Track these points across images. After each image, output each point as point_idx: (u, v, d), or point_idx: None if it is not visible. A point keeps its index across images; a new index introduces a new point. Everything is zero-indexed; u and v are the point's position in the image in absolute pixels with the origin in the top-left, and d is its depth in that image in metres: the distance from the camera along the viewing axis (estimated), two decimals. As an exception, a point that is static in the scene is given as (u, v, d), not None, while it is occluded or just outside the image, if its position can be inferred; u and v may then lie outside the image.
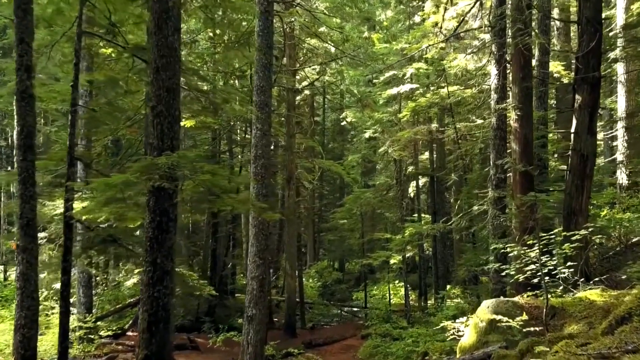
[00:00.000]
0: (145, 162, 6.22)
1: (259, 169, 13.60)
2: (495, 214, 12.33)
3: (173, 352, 10.85)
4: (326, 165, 23.39)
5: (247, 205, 6.67)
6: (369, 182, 33.04)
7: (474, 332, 8.23)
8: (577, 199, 11.65)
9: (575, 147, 12.10)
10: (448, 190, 26.39)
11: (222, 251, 26.08)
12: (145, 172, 6.13)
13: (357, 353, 17.82)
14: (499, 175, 12.78)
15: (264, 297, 13.63)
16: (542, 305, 7.99)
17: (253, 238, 13.59)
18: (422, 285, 25.57)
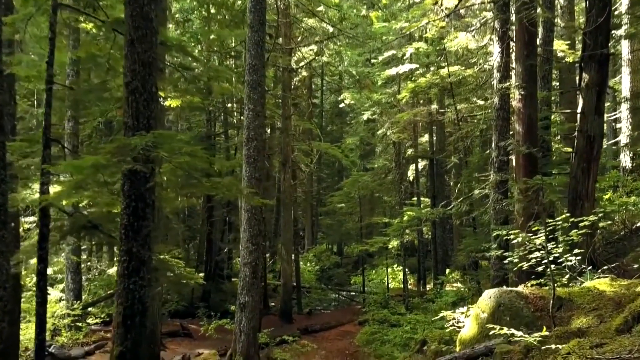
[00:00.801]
0: (116, 143, 5.69)
1: (252, 151, 13.06)
2: (497, 199, 11.82)
3: (159, 345, 10.44)
4: (323, 148, 22.86)
5: (233, 190, 6.17)
6: (368, 166, 32.53)
7: (475, 324, 7.76)
8: (583, 182, 11.13)
9: (581, 128, 11.55)
10: (448, 173, 25.90)
11: (218, 235, 25.63)
12: (116, 153, 5.61)
13: (354, 339, 17.43)
14: (501, 158, 12.24)
15: (257, 283, 13.17)
16: (548, 295, 7.51)
17: (246, 223, 13.09)
18: (421, 270, 25.18)
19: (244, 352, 12.85)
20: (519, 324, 7.25)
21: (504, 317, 7.40)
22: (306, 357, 14.88)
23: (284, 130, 20.40)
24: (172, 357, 13.54)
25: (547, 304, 7.35)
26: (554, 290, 6.96)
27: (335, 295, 27.99)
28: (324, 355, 15.40)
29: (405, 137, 24.80)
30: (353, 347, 16.75)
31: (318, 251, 34.04)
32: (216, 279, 24.89)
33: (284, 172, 20.39)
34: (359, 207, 26.35)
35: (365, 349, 16.17)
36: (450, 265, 26.17)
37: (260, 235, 13.29)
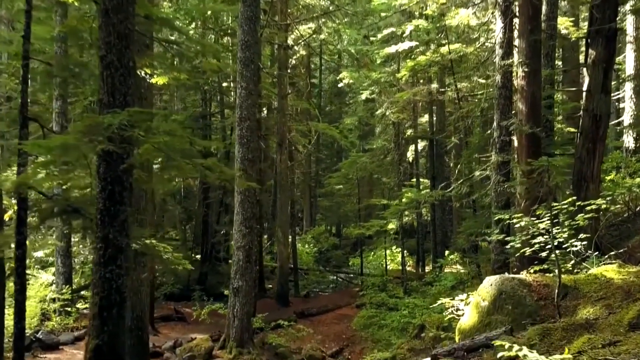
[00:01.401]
0: (88, 121, 5.25)
1: (244, 131, 12.62)
2: (499, 180, 11.39)
3: (147, 331, 10.09)
4: (321, 129, 22.38)
5: (217, 171, 5.74)
6: (366, 147, 32.04)
7: (475, 313, 7.38)
8: (589, 164, 10.71)
9: (587, 107, 11.09)
10: (448, 154, 25.46)
11: (214, 217, 25.27)
12: (87, 133, 5.18)
13: (351, 323, 17.14)
14: (503, 138, 11.79)
15: (251, 268, 12.82)
16: (552, 283, 7.12)
17: (239, 206, 12.70)
18: (419, 252, 24.85)
19: (237, 338, 12.55)
20: (521, 313, 6.88)
21: (505, 305, 7.02)
22: (302, 342, 14.57)
23: (280, 110, 19.91)
24: (164, 342, 13.23)
25: (552, 292, 6.96)
26: (560, 278, 6.57)
27: (333, 277, 27.72)
28: (320, 340, 15.10)
29: (405, 117, 24.29)
30: (350, 331, 16.46)
31: (316, 233, 33.69)
32: (212, 261, 24.61)
33: (280, 153, 19.94)
34: (357, 189, 25.93)
35: (362, 333, 15.89)
36: (449, 247, 25.84)
37: (253, 218, 12.90)
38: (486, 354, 6.23)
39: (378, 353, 11.89)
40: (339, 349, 14.35)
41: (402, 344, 13.24)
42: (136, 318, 9.70)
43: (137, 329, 9.70)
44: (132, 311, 9.71)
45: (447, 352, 6.58)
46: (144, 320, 9.83)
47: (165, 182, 8.12)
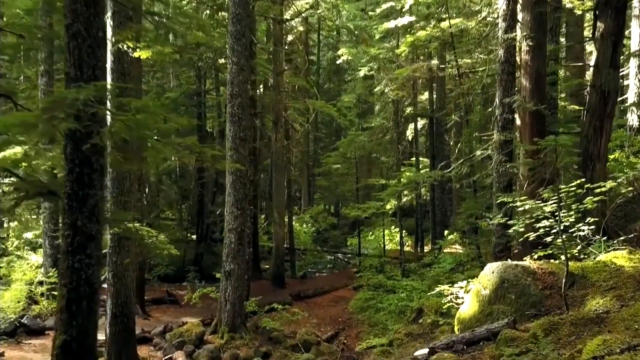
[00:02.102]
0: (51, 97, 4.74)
1: (236, 108, 12.08)
2: (501, 160, 10.89)
3: (134, 318, 9.69)
4: (318, 106, 21.77)
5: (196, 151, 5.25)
6: (365, 125, 31.45)
7: (476, 301, 6.96)
8: (596, 142, 10.23)
9: (594, 82, 10.58)
10: (448, 132, 24.94)
11: (210, 197, 24.83)
12: (49, 109, 4.68)
13: (347, 306, 16.78)
14: (506, 116, 11.24)
15: (243, 250, 12.39)
16: (558, 271, 6.69)
17: (230, 187, 12.22)
18: (418, 232, 24.46)
19: (229, 322, 12.18)
20: (525, 303, 6.46)
21: (508, 295, 6.60)
22: (297, 326, 14.21)
23: (275, 87, 19.32)
24: (155, 327, 12.84)
25: (557, 281, 6.53)
26: (567, 266, 6.13)
27: (331, 257, 27.37)
28: (315, 324, 14.74)
29: (404, 95, 23.70)
30: (346, 314, 16.10)
31: (315, 212, 33.25)
32: (208, 242, 24.22)
33: (275, 131, 19.40)
34: (355, 168, 25.43)
35: (358, 316, 15.52)
36: (449, 226, 25.45)
37: (246, 199, 12.44)
38: (487, 348, 5.81)
39: (374, 339, 11.53)
40: (334, 332, 13.99)
41: (400, 329, 12.90)
42: (121, 304, 9.28)
43: (122, 315, 9.29)
44: (117, 297, 9.31)
45: (445, 345, 6.16)
46: (130, 306, 9.41)
47: (139, 163, 7.61)
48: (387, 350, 11.37)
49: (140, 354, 10.76)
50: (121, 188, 9.28)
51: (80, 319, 5.11)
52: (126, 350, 9.36)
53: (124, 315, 9.34)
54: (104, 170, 5.32)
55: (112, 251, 9.34)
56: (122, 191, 9.27)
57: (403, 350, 11.41)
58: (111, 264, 9.34)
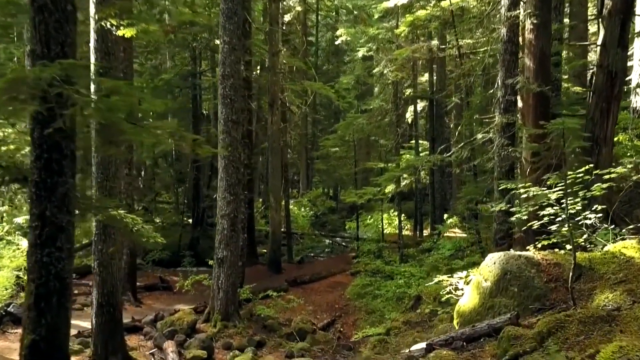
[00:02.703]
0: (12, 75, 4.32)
1: (228, 90, 11.64)
2: (503, 144, 10.47)
3: (121, 309, 9.33)
4: (315, 88, 21.30)
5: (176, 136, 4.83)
6: (364, 107, 30.95)
7: (476, 294, 6.59)
8: (602, 125, 9.82)
9: (601, 62, 10.13)
10: (448, 114, 24.49)
11: (205, 181, 24.45)
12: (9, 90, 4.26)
13: (344, 292, 16.47)
14: (508, 98, 10.80)
15: (236, 237, 12.02)
16: (564, 262, 6.31)
17: (222, 171, 11.82)
18: (417, 215, 24.09)
19: (222, 311, 11.85)
20: (528, 296, 6.09)
21: (510, 287, 6.23)
22: (292, 313, 13.89)
23: (271, 68, 18.81)
24: (146, 314, 12.49)
25: (563, 273, 6.16)
26: (575, 257, 5.74)
27: (329, 241, 27.06)
28: (311, 311, 14.44)
29: (404, 76, 23.18)
30: (343, 300, 15.80)
31: (313, 196, 32.90)
32: (204, 226, 23.89)
33: (271, 113, 18.93)
34: (353, 152, 25.00)
35: (356, 302, 15.22)
36: (448, 209, 25.09)
37: (239, 184, 12.04)
38: (488, 345, 5.46)
39: (371, 329, 11.21)
40: (330, 320, 13.69)
41: (397, 317, 12.59)
42: (107, 294, 8.92)
43: (108, 305, 8.93)
44: (103, 286, 8.94)
45: (443, 342, 5.80)
46: (116, 295, 9.05)
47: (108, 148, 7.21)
48: (384, 340, 11.07)
49: (129, 344, 10.44)
50: (106, 173, 8.87)
51: (49, 317, 4.73)
52: (113, 341, 9.01)
53: (110, 305, 8.98)
54: (75, 156, 4.90)
55: (97, 239, 8.96)
56: (107, 177, 8.86)
57: (400, 340, 11.11)
58: (96, 252, 8.97)
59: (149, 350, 10.47)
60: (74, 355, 9.15)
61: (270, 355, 11.07)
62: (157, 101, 5.63)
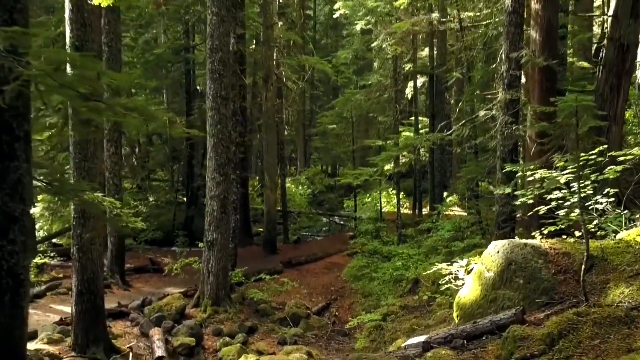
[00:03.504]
0: (-54, 45, 3.76)
1: (216, 64, 11.02)
2: (506, 122, 9.89)
3: (102, 296, 8.87)
4: (312, 63, 20.64)
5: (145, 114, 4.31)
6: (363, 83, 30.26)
7: (478, 285, 6.10)
8: (612, 101, 9.25)
9: (612, 35, 9.51)
10: (448, 90, 23.82)
11: (199, 159, 23.87)
12: (-58, 61, 3.71)
13: (341, 273, 16.06)
14: (513, 72, 10.16)
15: (226, 219, 11.52)
16: (574, 251, 5.80)
17: (211, 150, 11.27)
18: (416, 193, 23.56)
19: (212, 295, 11.41)
20: (535, 289, 5.59)
21: (515, 279, 5.73)
22: (286, 296, 13.48)
23: (265, 41, 18.12)
24: (134, 299, 12.04)
25: (573, 264, 5.66)
26: (587, 247, 5.23)
27: (326, 220, 26.62)
28: (306, 294, 14.02)
29: (404, 51, 22.43)
30: (339, 282, 15.38)
31: (311, 173, 32.38)
32: (198, 205, 23.39)
33: (266, 89, 18.29)
34: (351, 129, 24.38)
35: (352, 285, 14.81)
36: (448, 187, 24.58)
37: (229, 164, 11.50)
38: (491, 344, 4.98)
39: (366, 315, 10.76)
40: (325, 304, 13.27)
41: (395, 301, 12.17)
42: (87, 280, 8.45)
43: (88, 292, 8.46)
44: (82, 273, 8.47)
45: (442, 339, 5.32)
46: (97, 282, 8.57)
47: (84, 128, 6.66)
48: (380, 325, 10.67)
49: (115, 331, 10.03)
50: (84, 153, 8.33)
51: (2, 318, 4.24)
52: (94, 330, 8.57)
53: (91, 292, 8.52)
54: (29, 138, 4.35)
55: (76, 223, 8.47)
56: (85, 157, 8.32)
57: (397, 325, 10.69)
58: (75, 237, 8.47)
59: (134, 338, 10.04)
60: (53, 345, 8.74)
61: (262, 342, 10.66)
62: (123, 75, 4.98)
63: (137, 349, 9.61)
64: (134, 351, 9.39)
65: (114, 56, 13.03)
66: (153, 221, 22.24)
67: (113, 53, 12.98)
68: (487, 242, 13.15)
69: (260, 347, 10.26)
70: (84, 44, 8.17)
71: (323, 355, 10.07)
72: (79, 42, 8.18)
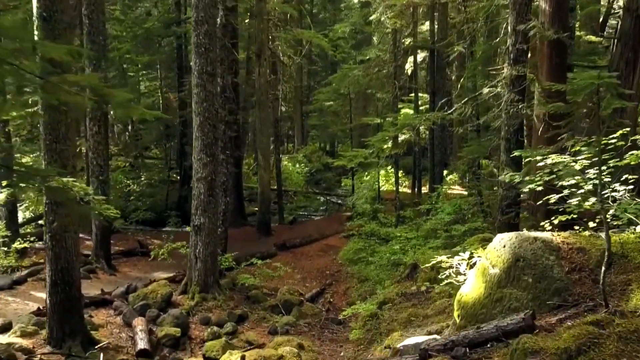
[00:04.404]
0: None
1: (202, 38, 10.32)
2: (512, 99, 9.23)
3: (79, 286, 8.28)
4: (307, 37, 19.85)
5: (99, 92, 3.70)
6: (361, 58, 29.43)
7: (482, 282, 5.51)
8: (627, 77, 8.58)
9: (629, 5, 8.81)
10: (450, 66, 23.01)
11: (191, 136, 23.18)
12: None
13: (337, 256, 15.54)
14: (519, 46, 9.45)
15: (214, 202, 10.94)
16: (590, 247, 5.20)
17: (197, 130, 10.64)
18: (416, 172, 22.91)
19: (200, 282, 10.88)
20: (546, 289, 5.01)
21: (523, 277, 5.15)
22: (279, 281, 12.96)
23: (257, 14, 17.31)
24: (119, 285, 11.47)
25: (589, 261, 5.07)
26: (609, 244, 4.63)
27: (323, 199, 26.05)
28: (299, 279, 13.49)
29: (403, 24, 21.58)
30: (335, 265, 14.86)
31: (309, 151, 31.69)
32: (191, 184, 22.81)
33: (259, 64, 17.54)
34: (349, 106, 23.64)
35: (348, 268, 14.29)
36: (448, 164, 23.96)
37: (216, 143, 10.87)
38: (497, 354, 4.41)
39: (361, 305, 10.21)
40: (320, 289, 12.73)
41: (392, 288, 11.64)
42: (61, 270, 7.87)
43: (63, 282, 7.90)
44: (56, 262, 7.89)
45: (442, 346, 4.75)
46: (72, 272, 7.99)
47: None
48: (376, 314, 10.13)
49: (96, 321, 9.51)
50: (55, 134, 7.68)
51: None
52: (70, 322, 8.03)
53: (66, 283, 7.96)
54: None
55: (48, 209, 7.86)
56: (56, 138, 7.68)
57: (394, 314, 10.15)
58: (48, 224, 7.88)
59: (117, 328, 9.53)
60: (27, 338, 8.20)
61: (252, 331, 10.16)
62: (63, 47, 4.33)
63: (119, 340, 9.10)
64: (115, 343, 8.88)
65: (96, 29, 12.32)
66: (145, 201, 21.72)
67: (94, 26, 12.25)
68: (489, 226, 12.63)
69: (249, 337, 9.75)
70: (52, 15, 7.48)
71: (316, 347, 9.57)
72: (46, 13, 7.49)
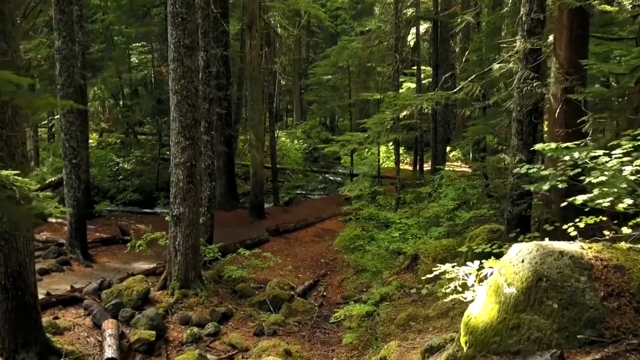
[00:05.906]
0: None
1: (178, 7, 9.22)
2: (526, 77, 8.15)
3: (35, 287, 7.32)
4: (302, 6, 18.62)
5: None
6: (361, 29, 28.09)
7: (494, 302, 4.51)
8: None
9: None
10: (454, 38, 21.80)
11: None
12: None
13: (332, 242, 14.64)
14: (535, 16, 8.31)
15: (194, 190, 9.95)
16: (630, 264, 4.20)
17: (175, 110, 9.61)
18: (417, 149, 21.85)
19: (181, 276, 9.97)
20: (576, 319, 4.01)
21: (547, 301, 4.14)
22: (270, 272, 12.05)
23: (248, -18, 16.11)
24: (89, 282, 10.40)
25: (629, 284, 4.06)
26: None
27: (321, 176, 25.07)
28: (291, 270, 12.56)
29: (405, -6, 20.39)
30: (330, 253, 13.96)
31: (308, 126, 30.56)
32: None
33: (250, 36, 16.37)
34: (348, 80, 22.49)
35: (344, 256, 13.40)
36: (451, 140, 22.93)
37: (196, 125, 9.83)
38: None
39: (356, 306, 9.28)
40: (313, 281, 11.81)
41: (391, 280, 10.74)
42: (12, 274, 6.93)
43: (14, 288, 6.97)
44: (6, 265, 6.93)
45: (445, 393, 3.78)
46: (25, 275, 7.05)
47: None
48: (372, 313, 9.24)
49: (63, 323, 8.61)
50: (1, 119, 6.66)
51: None
52: (24, 331, 7.12)
53: (18, 288, 7.03)
54: None
55: (-5, 205, 6.86)
56: (2, 123, 6.66)
57: (392, 312, 9.26)
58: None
59: (86, 331, 8.62)
60: (-22, 349, 7.31)
61: (236, 332, 9.29)
62: None
63: (86, 346, 8.20)
64: (80, 350, 7.99)
65: (66, -2, 11.21)
66: (134, 180, 20.75)
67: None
68: (495, 213, 11.65)
69: (233, 340, 8.89)
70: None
71: (305, 351, 8.68)
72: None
